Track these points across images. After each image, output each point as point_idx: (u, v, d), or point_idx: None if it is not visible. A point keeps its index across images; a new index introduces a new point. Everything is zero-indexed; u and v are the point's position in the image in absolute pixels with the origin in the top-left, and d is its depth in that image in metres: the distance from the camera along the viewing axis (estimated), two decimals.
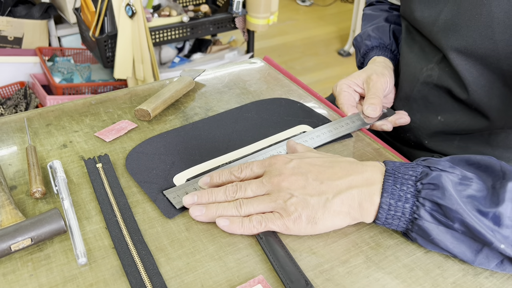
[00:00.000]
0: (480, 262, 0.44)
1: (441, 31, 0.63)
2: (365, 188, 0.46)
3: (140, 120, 0.66)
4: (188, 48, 2.22)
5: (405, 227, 0.46)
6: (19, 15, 1.93)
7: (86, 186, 0.54)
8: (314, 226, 0.46)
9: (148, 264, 0.44)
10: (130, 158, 0.58)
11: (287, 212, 0.46)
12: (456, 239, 0.44)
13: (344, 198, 0.46)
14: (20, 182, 0.54)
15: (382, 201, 0.45)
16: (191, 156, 0.59)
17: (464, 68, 0.61)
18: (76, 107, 0.69)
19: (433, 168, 0.45)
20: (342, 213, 0.46)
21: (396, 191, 0.45)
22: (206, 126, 0.65)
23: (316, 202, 0.46)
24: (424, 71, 0.68)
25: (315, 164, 0.49)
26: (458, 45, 0.60)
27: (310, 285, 0.43)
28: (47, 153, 0.59)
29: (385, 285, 0.43)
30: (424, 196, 0.44)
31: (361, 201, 0.46)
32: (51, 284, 0.42)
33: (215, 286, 0.43)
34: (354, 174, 0.47)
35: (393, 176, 0.46)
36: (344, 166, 0.49)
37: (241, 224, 0.47)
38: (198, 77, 0.79)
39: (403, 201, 0.45)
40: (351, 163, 0.49)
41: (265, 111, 0.69)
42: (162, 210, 0.50)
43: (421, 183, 0.45)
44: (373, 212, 0.46)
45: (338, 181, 0.47)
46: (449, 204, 0.43)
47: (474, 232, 0.42)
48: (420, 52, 0.70)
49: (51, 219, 0.46)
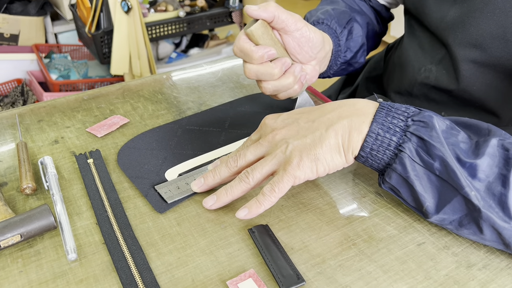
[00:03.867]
0: (443, 213, 0.44)
1: (449, 27, 0.61)
2: (355, 118, 0.46)
3: (132, 115, 0.66)
4: (185, 43, 2.21)
5: (387, 162, 0.46)
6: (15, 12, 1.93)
7: (77, 181, 0.54)
8: (318, 163, 0.46)
9: (138, 260, 0.44)
10: (121, 154, 0.57)
11: (288, 161, 0.46)
12: (429, 181, 0.44)
13: (337, 129, 0.46)
14: (11, 178, 0.54)
15: (371, 129, 0.45)
16: (183, 151, 0.59)
17: (469, 66, 0.60)
18: (68, 102, 0.68)
19: (425, 111, 0.46)
20: (337, 146, 0.46)
21: (386, 122, 0.45)
22: (199, 120, 0.65)
23: (311, 139, 0.46)
24: (422, 72, 0.67)
25: (303, 111, 0.49)
26: (466, 43, 0.59)
27: (301, 279, 0.42)
28: (39, 149, 0.59)
29: (378, 277, 0.43)
30: (412, 131, 0.44)
31: (351, 130, 0.46)
32: (41, 280, 0.42)
33: (205, 280, 0.43)
34: (345, 106, 0.47)
35: (386, 110, 0.46)
36: (334, 102, 0.49)
37: (258, 203, 0.46)
38: (191, 73, 0.78)
39: (391, 133, 0.45)
40: (342, 100, 0.49)
41: (258, 105, 0.68)
42: (153, 205, 0.50)
43: (412, 119, 0.45)
44: (360, 141, 0.46)
45: (329, 114, 0.47)
46: (434, 142, 0.43)
47: (451, 174, 0.42)
48: (419, 50, 0.68)
49: (41, 215, 0.45)
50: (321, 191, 0.53)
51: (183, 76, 0.77)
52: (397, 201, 0.52)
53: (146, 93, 0.71)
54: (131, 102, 0.69)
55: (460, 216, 0.44)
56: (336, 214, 0.50)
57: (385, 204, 0.51)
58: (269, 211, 0.50)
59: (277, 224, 0.49)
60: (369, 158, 0.46)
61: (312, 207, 0.51)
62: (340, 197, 0.52)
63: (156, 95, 0.71)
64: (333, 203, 0.51)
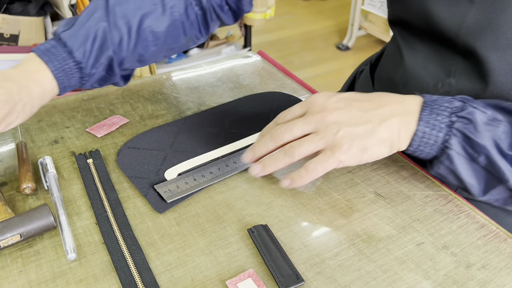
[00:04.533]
0: (489, 195, 0.48)
1: (474, 31, 0.55)
2: (405, 117, 0.48)
3: (132, 115, 0.66)
4: None
5: (434, 155, 0.48)
6: (15, 12, 1.93)
7: (77, 181, 0.54)
8: (365, 153, 0.47)
9: (138, 259, 0.44)
10: (121, 154, 0.58)
11: (338, 145, 0.47)
12: (475, 171, 0.47)
13: (388, 125, 0.48)
14: (11, 178, 0.54)
15: (417, 128, 0.48)
16: (183, 151, 0.59)
17: (505, 71, 0.55)
18: (68, 102, 0.68)
19: (467, 104, 0.48)
20: (386, 141, 0.48)
21: (431, 120, 0.47)
22: (198, 120, 0.65)
23: (363, 130, 0.48)
24: (439, 88, 0.61)
25: (355, 99, 0.50)
26: (500, 45, 0.54)
27: (300, 279, 0.42)
28: (38, 149, 0.59)
29: (377, 277, 0.43)
30: (458, 128, 0.46)
31: (400, 129, 0.48)
32: (40, 280, 0.42)
33: (205, 280, 0.43)
34: (395, 103, 0.49)
35: (430, 107, 0.48)
36: (383, 96, 0.51)
37: (300, 177, 0.48)
38: (191, 73, 0.78)
39: (437, 130, 0.47)
40: (389, 94, 0.51)
41: (258, 105, 0.69)
42: (153, 205, 0.50)
43: (456, 115, 0.47)
44: (408, 140, 0.48)
45: (381, 110, 0.49)
46: (479, 139, 0.45)
47: (495, 167, 0.45)
48: (428, 64, 0.62)
49: (41, 215, 0.46)
50: (320, 191, 0.53)
51: (183, 76, 0.77)
52: (396, 201, 0.52)
53: (145, 93, 0.71)
54: (131, 102, 0.69)
55: (505, 196, 0.48)
56: (335, 214, 0.50)
57: (384, 204, 0.51)
58: (269, 211, 0.50)
59: (277, 224, 0.49)
60: (416, 152, 0.49)
61: (311, 207, 0.51)
62: (340, 197, 0.52)
63: (155, 95, 0.71)
64: (333, 203, 0.51)
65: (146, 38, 0.58)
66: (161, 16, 0.58)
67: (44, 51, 0.54)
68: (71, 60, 0.54)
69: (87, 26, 0.55)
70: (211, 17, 0.64)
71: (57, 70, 0.53)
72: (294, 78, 0.77)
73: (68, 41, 0.54)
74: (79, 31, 0.55)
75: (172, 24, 0.59)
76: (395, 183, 0.55)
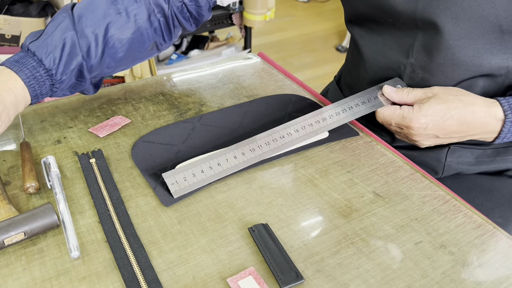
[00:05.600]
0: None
1: (428, 3, 0.58)
2: (484, 135, 0.59)
3: (134, 116, 0.67)
4: (185, 45, 2.22)
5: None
6: (16, 13, 1.93)
7: (80, 181, 0.54)
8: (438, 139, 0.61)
9: (140, 257, 0.45)
10: (136, 147, 0.59)
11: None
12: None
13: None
14: (14, 177, 0.55)
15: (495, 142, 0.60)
16: (196, 147, 0.60)
17: (455, 33, 0.58)
18: (71, 103, 0.69)
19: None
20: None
21: (508, 134, 0.58)
22: (213, 119, 0.66)
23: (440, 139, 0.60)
24: (402, 70, 0.65)
25: (447, 131, 0.59)
26: (453, 12, 0.57)
27: (300, 276, 0.43)
28: (42, 149, 0.60)
29: (375, 276, 0.44)
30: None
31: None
32: (44, 277, 0.43)
33: (206, 278, 0.43)
34: (480, 134, 0.59)
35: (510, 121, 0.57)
36: (471, 125, 0.58)
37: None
38: (191, 74, 0.79)
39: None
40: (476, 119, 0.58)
41: (274, 107, 0.69)
42: (160, 199, 0.51)
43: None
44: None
45: (465, 137, 0.60)
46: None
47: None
48: (387, 51, 0.66)
49: (44, 214, 0.46)
50: (320, 191, 0.54)
51: (184, 77, 0.78)
52: (394, 201, 0.53)
53: (147, 94, 0.72)
54: (133, 103, 0.70)
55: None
56: (334, 214, 0.51)
57: (383, 204, 0.52)
58: (269, 210, 0.51)
59: (277, 223, 0.49)
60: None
61: (311, 207, 0.52)
62: (339, 197, 0.53)
63: (157, 96, 0.72)
64: (332, 203, 0.52)
65: (113, 45, 0.59)
66: (125, 24, 0.60)
67: (13, 63, 0.55)
68: (41, 68, 0.55)
69: (55, 35, 0.56)
70: (174, 24, 0.65)
71: (28, 78, 0.54)
72: (294, 79, 0.78)
73: (37, 50, 0.55)
74: (46, 40, 0.56)
75: (136, 31, 0.61)
76: (394, 183, 0.55)
